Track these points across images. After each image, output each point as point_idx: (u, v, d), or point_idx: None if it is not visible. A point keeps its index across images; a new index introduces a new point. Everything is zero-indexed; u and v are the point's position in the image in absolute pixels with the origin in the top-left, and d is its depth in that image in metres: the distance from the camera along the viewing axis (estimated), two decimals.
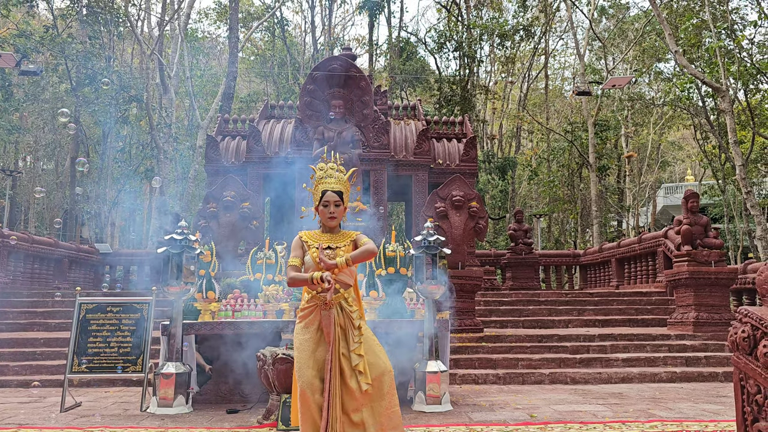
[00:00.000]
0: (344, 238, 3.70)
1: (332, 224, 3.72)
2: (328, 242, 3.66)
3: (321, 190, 3.72)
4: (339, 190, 3.72)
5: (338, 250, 3.61)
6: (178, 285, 6.38)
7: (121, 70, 27.34)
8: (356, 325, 3.57)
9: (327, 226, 3.73)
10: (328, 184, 3.73)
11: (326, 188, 3.71)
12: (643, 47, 27.33)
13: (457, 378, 8.24)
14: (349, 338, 3.54)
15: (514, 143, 36.64)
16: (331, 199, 3.68)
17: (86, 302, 6.80)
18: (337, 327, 3.54)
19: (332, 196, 3.69)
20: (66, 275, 15.34)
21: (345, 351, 3.52)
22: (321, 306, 3.55)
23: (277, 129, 14.47)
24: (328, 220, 3.70)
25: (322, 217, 3.72)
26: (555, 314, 12.24)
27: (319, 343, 3.55)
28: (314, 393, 3.43)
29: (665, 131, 32.37)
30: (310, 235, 3.72)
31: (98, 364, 6.56)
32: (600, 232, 25.84)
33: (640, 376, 8.45)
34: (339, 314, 3.56)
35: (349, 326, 3.56)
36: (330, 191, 3.69)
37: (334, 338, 3.51)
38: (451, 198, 10.46)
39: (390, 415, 3.48)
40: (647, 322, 11.71)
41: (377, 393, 3.50)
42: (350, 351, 3.51)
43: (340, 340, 3.53)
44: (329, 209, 3.68)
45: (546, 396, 7.26)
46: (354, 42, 40.02)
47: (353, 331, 3.56)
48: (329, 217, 3.69)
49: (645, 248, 14.47)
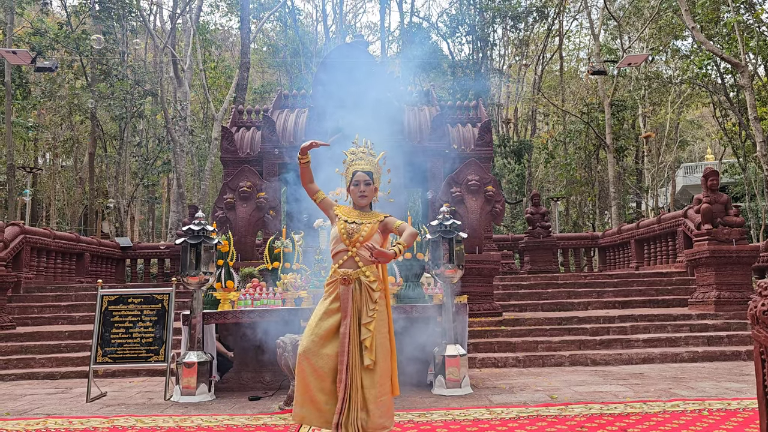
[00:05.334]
0: (372, 217, 3.80)
1: (363, 203, 3.84)
2: (355, 218, 3.75)
3: (352, 171, 3.86)
4: (368, 171, 3.84)
5: (362, 226, 3.70)
6: (197, 275, 6.46)
7: (135, 64, 27.51)
8: (374, 299, 3.64)
9: (357, 205, 3.85)
10: (359, 166, 3.86)
11: (356, 169, 3.85)
12: (660, 25, 26.86)
13: (477, 362, 8.25)
14: (363, 312, 3.61)
15: (529, 126, 36.33)
16: (361, 178, 3.81)
17: (108, 294, 6.90)
18: (354, 303, 3.61)
19: (362, 175, 3.82)
20: (88, 269, 15.56)
21: (357, 327, 3.62)
22: (340, 281, 3.63)
23: (291, 118, 14.47)
24: (358, 199, 3.83)
25: (353, 196, 3.85)
26: (574, 297, 12.21)
27: (330, 314, 3.65)
28: (310, 357, 3.54)
29: (684, 110, 31.85)
30: (342, 209, 3.85)
31: (121, 355, 6.67)
32: (618, 213, 25.59)
33: (661, 356, 8.39)
34: (357, 289, 3.63)
35: (367, 300, 3.63)
36: (360, 171, 3.82)
37: (352, 313, 3.58)
38: (466, 182, 10.43)
39: (379, 404, 3.55)
40: (668, 303, 11.64)
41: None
42: (361, 324, 3.58)
43: (356, 315, 3.61)
44: (359, 188, 3.81)
45: (566, 378, 7.25)
46: (366, 29, 39.91)
47: (369, 304, 3.63)
48: (360, 195, 3.82)
49: (664, 228, 14.34)
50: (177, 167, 23.52)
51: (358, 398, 3.48)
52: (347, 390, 3.47)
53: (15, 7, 21.78)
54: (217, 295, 6.99)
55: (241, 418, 5.34)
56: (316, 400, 3.50)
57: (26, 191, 24.15)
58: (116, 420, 5.32)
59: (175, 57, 25.54)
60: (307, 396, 3.53)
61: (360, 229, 3.70)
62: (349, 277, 3.63)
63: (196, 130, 25.75)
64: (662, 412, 5.14)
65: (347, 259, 3.70)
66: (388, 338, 3.71)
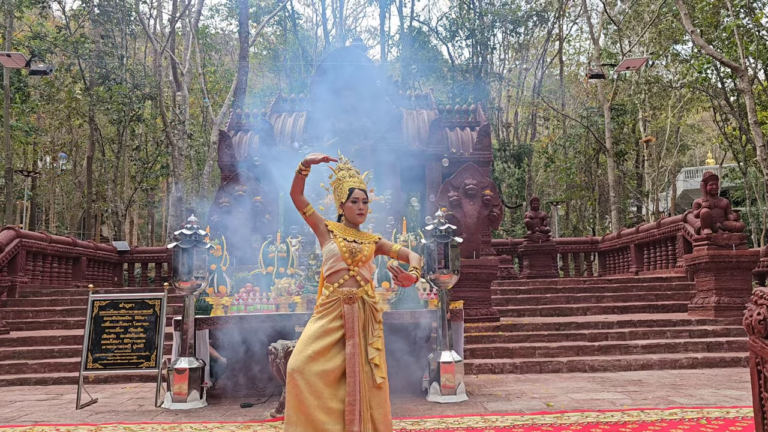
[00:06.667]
0: (368, 238, 3.72)
1: (360, 221, 3.75)
2: (354, 237, 3.66)
3: (348, 187, 3.73)
4: (364, 189, 3.77)
5: (363, 246, 3.62)
6: (189, 280, 6.38)
7: (134, 68, 27.48)
8: (378, 318, 3.58)
9: (353, 222, 3.74)
10: (354, 183, 3.75)
11: (353, 186, 3.73)
12: (660, 29, 26.80)
13: (473, 368, 8.17)
14: (368, 332, 3.52)
15: (529, 130, 36.28)
16: (359, 196, 3.71)
17: (99, 299, 6.84)
18: (360, 322, 3.52)
19: (361, 193, 3.72)
20: (84, 274, 15.48)
21: (364, 345, 3.51)
22: (344, 300, 3.53)
23: (289, 122, 14.41)
24: (356, 217, 3.71)
25: (350, 213, 3.71)
26: (573, 302, 12.12)
27: (329, 333, 3.50)
28: (304, 373, 3.36)
29: (684, 114, 31.78)
30: (335, 225, 3.72)
31: (112, 361, 6.59)
32: (619, 218, 25.49)
33: (660, 362, 8.32)
34: (361, 308, 3.54)
35: (371, 320, 3.56)
36: (357, 189, 3.72)
37: (358, 332, 3.49)
38: (464, 186, 10.35)
39: (387, 423, 3.48)
40: (667, 308, 11.57)
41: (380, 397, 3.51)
42: (368, 344, 3.49)
43: (360, 333, 3.51)
44: (358, 205, 3.70)
45: (564, 384, 7.16)
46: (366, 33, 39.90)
47: (374, 324, 3.56)
48: (358, 213, 3.70)
49: (664, 233, 14.27)
50: (175, 171, 23.45)
51: (369, 419, 3.39)
52: (361, 412, 3.37)
53: (14, 11, 21.76)
54: (210, 300, 6.91)
55: (232, 426, 5.26)
56: (315, 420, 3.31)
57: (27, 193, 24.08)
58: (104, 428, 5.23)
59: (174, 61, 25.50)
60: (302, 415, 3.33)
61: (362, 249, 3.62)
62: (354, 295, 3.55)
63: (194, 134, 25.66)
64: (660, 420, 5.06)
65: (348, 278, 3.60)
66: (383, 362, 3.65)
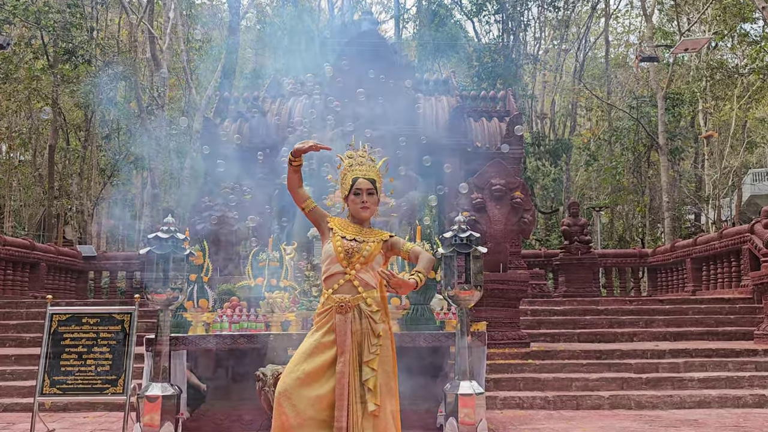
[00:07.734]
0: (374, 235, 3.71)
1: (364, 215, 3.75)
2: (355, 234, 3.66)
3: (351, 178, 3.76)
4: (372, 178, 3.75)
5: (364, 245, 3.62)
6: (165, 292, 6.37)
7: (106, 43, 27.65)
8: (376, 332, 3.54)
9: (357, 218, 3.75)
10: (360, 172, 3.76)
11: (357, 176, 3.75)
12: (724, 4, 26.72)
13: (498, 402, 8.16)
14: (364, 347, 3.50)
15: (568, 123, 36.24)
16: (363, 186, 3.72)
17: (59, 312, 6.85)
18: (353, 336, 3.51)
19: (365, 183, 3.72)
20: (43, 282, 15.57)
21: (359, 362, 3.51)
22: (336, 309, 3.53)
23: (286, 107, 14.47)
24: (360, 211, 3.73)
25: (353, 207, 3.75)
26: (617, 326, 12.15)
27: (322, 349, 3.52)
28: (292, 398, 3.39)
29: (752, 105, 31.62)
30: (337, 222, 3.74)
31: (73, 386, 6.59)
32: (673, 227, 25.42)
33: (720, 399, 8.28)
34: (356, 320, 3.52)
35: (368, 333, 3.53)
36: (362, 178, 3.73)
37: (351, 348, 3.47)
38: (489, 187, 10.32)
39: None
40: (729, 335, 11.55)
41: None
42: (363, 362, 3.48)
43: (355, 350, 3.50)
44: (361, 198, 3.71)
45: (604, 423, 7.15)
46: (377, 5, 39.97)
47: (371, 338, 3.53)
48: (361, 207, 3.72)
49: (727, 246, 14.21)
50: (151, 164, 23.57)
51: None
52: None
53: None
54: (188, 316, 6.91)
55: None
56: None
57: None
58: None
59: (152, 35, 25.62)
60: None
61: (361, 248, 3.60)
62: (346, 304, 3.52)
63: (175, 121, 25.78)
64: None
65: (343, 283, 3.59)
66: (393, 378, 3.61)
